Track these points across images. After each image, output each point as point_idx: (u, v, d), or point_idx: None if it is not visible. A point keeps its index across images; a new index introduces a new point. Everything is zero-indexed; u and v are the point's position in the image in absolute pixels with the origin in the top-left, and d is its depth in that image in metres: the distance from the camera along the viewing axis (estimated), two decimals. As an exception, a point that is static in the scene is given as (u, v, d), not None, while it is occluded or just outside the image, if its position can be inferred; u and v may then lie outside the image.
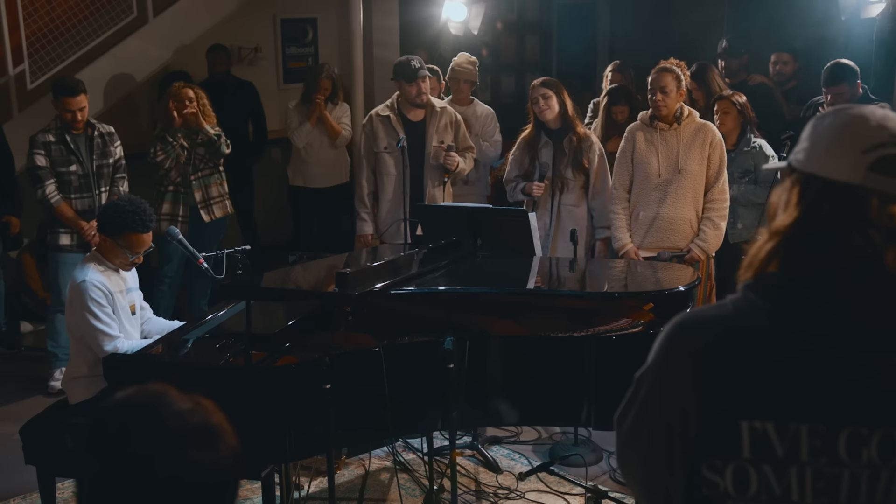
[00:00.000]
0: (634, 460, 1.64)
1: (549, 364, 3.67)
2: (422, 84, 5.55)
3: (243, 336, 3.62)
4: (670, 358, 1.56)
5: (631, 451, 1.64)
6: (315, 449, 3.58)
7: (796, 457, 1.45)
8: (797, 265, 1.48)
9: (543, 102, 5.34)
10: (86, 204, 5.80)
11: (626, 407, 1.64)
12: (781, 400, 1.45)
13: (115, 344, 3.89)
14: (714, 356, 1.50)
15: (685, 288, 3.80)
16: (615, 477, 4.67)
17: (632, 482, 1.69)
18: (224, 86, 7.62)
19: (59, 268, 5.82)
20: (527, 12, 11.25)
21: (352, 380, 3.48)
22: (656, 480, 1.58)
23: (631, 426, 1.62)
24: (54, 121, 5.76)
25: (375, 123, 5.68)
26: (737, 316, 1.51)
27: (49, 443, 3.86)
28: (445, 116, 5.68)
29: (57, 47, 6.90)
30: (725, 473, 1.48)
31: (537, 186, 5.33)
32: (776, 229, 1.51)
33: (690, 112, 5.15)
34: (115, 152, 5.93)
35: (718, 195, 5.09)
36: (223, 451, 1.43)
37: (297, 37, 9.00)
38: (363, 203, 5.74)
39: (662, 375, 1.57)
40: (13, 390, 5.95)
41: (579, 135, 5.35)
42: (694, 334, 1.55)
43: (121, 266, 4.06)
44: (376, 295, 3.58)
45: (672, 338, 1.58)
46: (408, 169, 5.45)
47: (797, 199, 1.50)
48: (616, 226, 5.29)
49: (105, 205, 4.11)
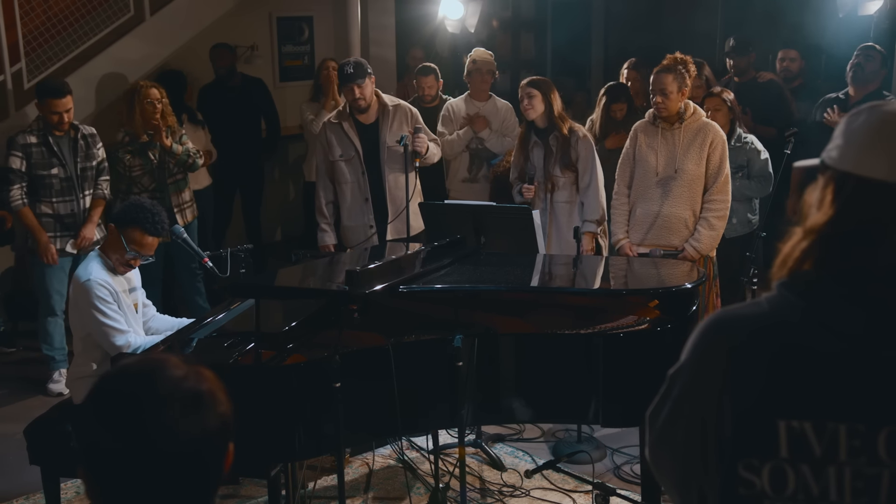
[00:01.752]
0: (667, 458, 1.62)
1: (557, 361, 3.68)
2: (355, 88, 5.37)
3: (251, 334, 3.62)
4: (705, 356, 1.55)
5: (664, 448, 1.63)
6: (324, 448, 3.58)
7: (835, 456, 1.44)
8: (833, 263, 1.47)
9: (528, 102, 5.34)
10: (68, 208, 5.72)
11: (658, 404, 1.63)
12: (819, 399, 1.44)
13: (126, 338, 3.88)
14: (750, 354, 1.49)
15: (692, 285, 3.81)
16: (619, 474, 4.68)
17: (664, 480, 1.67)
18: (230, 84, 7.62)
19: (43, 273, 5.77)
20: (521, 10, 11.25)
21: (361, 378, 3.47)
22: (690, 478, 1.57)
23: (664, 424, 1.61)
24: (36, 122, 5.66)
25: (328, 132, 5.58)
26: (773, 314, 1.50)
27: (53, 443, 3.85)
28: (399, 114, 5.55)
29: (54, 46, 6.86)
30: (762, 473, 1.47)
31: (526, 189, 5.39)
32: (811, 227, 1.50)
33: (695, 110, 5.11)
34: (97, 154, 5.86)
35: (717, 195, 5.04)
36: (210, 418, 1.46)
37: (293, 35, 9.00)
38: (322, 213, 5.64)
39: (697, 373, 1.56)
40: (12, 390, 5.93)
41: (564, 133, 5.33)
42: (730, 332, 1.53)
43: (116, 263, 4.03)
44: (384, 293, 3.57)
45: (707, 336, 1.57)
46: (365, 175, 5.45)
47: (832, 197, 1.49)
48: (614, 220, 5.31)
49: (128, 200, 4.12)
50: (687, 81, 5.04)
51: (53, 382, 5.84)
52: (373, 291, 3.45)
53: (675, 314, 3.77)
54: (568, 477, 4.61)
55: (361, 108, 5.48)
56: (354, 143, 5.47)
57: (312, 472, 4.53)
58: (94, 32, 6.98)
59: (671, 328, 3.68)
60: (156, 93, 6.04)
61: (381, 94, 5.59)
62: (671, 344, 3.72)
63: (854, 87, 5.93)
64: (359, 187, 5.50)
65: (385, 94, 5.66)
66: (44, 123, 5.63)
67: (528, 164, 5.42)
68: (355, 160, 5.48)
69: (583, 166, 5.33)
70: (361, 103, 5.46)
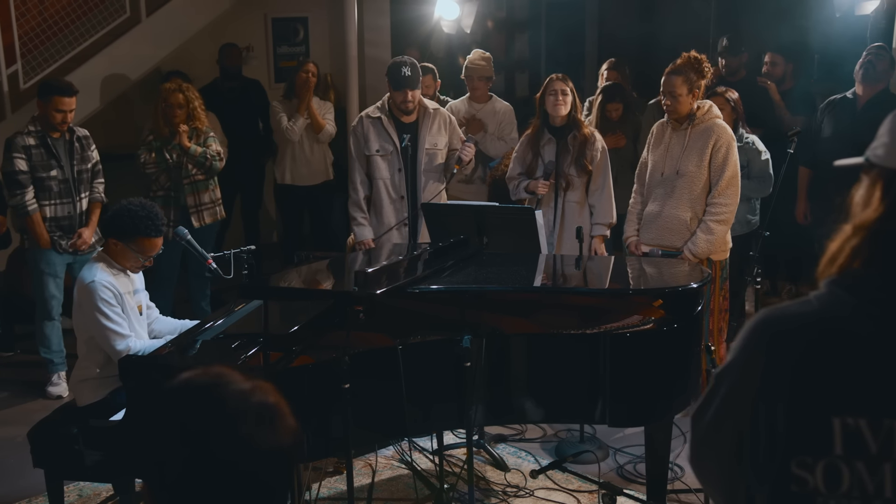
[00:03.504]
0: (713, 457, 1.62)
1: (565, 361, 3.67)
2: (409, 93, 5.32)
3: (257, 336, 3.61)
4: (756, 355, 1.54)
5: (710, 448, 1.62)
6: (332, 449, 3.57)
7: (890, 453, 1.43)
8: (884, 260, 1.47)
9: (561, 98, 5.29)
10: (65, 210, 5.72)
11: (703, 405, 1.62)
12: (874, 395, 1.44)
13: (126, 343, 3.87)
14: (803, 353, 1.49)
15: (698, 284, 3.82)
16: (623, 473, 4.69)
17: (708, 479, 1.67)
18: (230, 85, 7.62)
19: (41, 277, 5.75)
20: (515, 10, 11.26)
21: (368, 379, 3.46)
22: (737, 479, 1.56)
23: (711, 423, 1.60)
24: (33, 123, 5.63)
25: (366, 126, 5.47)
26: (822, 311, 1.50)
27: (58, 445, 3.83)
28: (439, 118, 5.51)
29: (50, 47, 6.85)
30: (816, 470, 1.46)
31: (542, 184, 5.31)
32: (860, 225, 1.50)
33: (709, 110, 5.09)
34: (92, 156, 5.85)
35: (719, 198, 5.02)
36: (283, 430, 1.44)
37: (288, 36, 9.00)
38: (359, 207, 5.49)
39: (747, 372, 1.55)
40: (11, 394, 5.91)
41: (584, 134, 5.32)
42: (781, 330, 1.53)
43: (131, 269, 4.04)
44: (391, 293, 3.57)
45: (756, 334, 1.56)
46: (402, 172, 5.36)
47: (881, 194, 1.49)
48: (627, 219, 5.32)
49: (116, 209, 4.06)
50: (700, 82, 5.00)
51: (53, 385, 5.82)
52: (383, 292, 3.44)
53: (681, 314, 3.77)
54: (572, 477, 4.61)
55: (409, 110, 5.42)
56: (393, 138, 5.39)
57: (317, 473, 4.53)
58: (91, 34, 6.98)
59: (677, 328, 3.69)
60: (180, 98, 6.07)
61: (422, 98, 5.54)
62: (677, 344, 3.73)
63: (863, 85, 5.93)
64: (394, 184, 5.42)
65: (425, 98, 5.62)
66: (42, 124, 5.59)
67: (541, 161, 5.38)
68: (393, 156, 5.40)
69: (597, 169, 5.33)
70: (410, 106, 5.39)
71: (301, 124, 7.09)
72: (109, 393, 3.96)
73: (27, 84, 6.71)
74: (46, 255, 5.72)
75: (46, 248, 5.67)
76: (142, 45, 7.19)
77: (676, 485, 4.51)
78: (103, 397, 3.97)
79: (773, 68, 7.24)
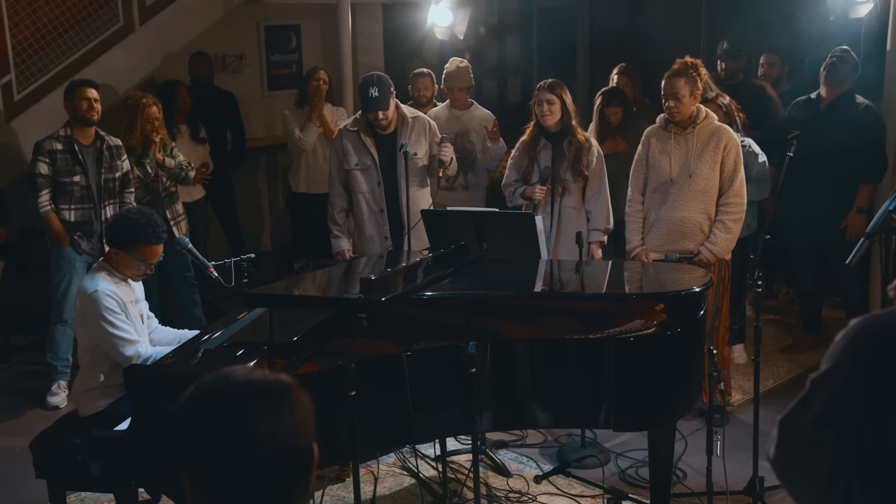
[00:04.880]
0: (807, 462, 1.61)
1: (569, 366, 3.69)
2: (380, 113, 5.23)
3: (262, 344, 3.61)
4: (861, 362, 1.54)
5: (803, 453, 1.61)
6: (338, 457, 3.57)
7: None
8: None
9: (547, 108, 5.26)
10: (83, 215, 5.78)
11: (796, 410, 1.62)
12: None
13: (136, 348, 3.85)
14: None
15: (700, 289, 3.83)
16: (625, 478, 4.69)
17: (797, 484, 1.65)
18: (202, 96, 7.56)
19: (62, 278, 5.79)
20: (507, 16, 11.27)
21: (374, 386, 3.47)
22: (837, 482, 1.56)
23: (808, 428, 1.59)
24: (63, 129, 5.76)
25: (344, 139, 5.43)
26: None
27: (60, 456, 3.81)
28: (417, 126, 5.43)
29: (43, 57, 6.82)
30: None
31: (539, 190, 5.30)
32: None
33: (708, 114, 5.12)
34: (122, 166, 5.93)
35: (733, 199, 5.04)
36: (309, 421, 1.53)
37: (281, 44, 8.99)
38: (335, 220, 5.49)
39: (853, 379, 1.55)
40: (10, 405, 5.88)
41: (580, 140, 5.31)
42: (887, 337, 1.53)
43: (133, 277, 4.04)
44: (396, 300, 3.57)
45: (858, 341, 1.56)
46: (381, 186, 5.33)
47: None
48: (628, 227, 5.28)
49: (115, 218, 4.05)
50: (699, 85, 5.03)
51: (52, 395, 5.80)
52: (388, 299, 3.44)
53: (683, 318, 3.78)
54: (574, 482, 4.63)
55: (383, 127, 5.36)
56: (371, 152, 5.36)
57: (319, 481, 4.52)
58: (84, 43, 6.94)
59: (680, 332, 3.70)
60: (156, 111, 6.13)
61: (400, 106, 5.45)
62: (681, 348, 3.74)
63: (827, 87, 5.98)
64: (373, 198, 5.39)
65: (404, 105, 5.55)
66: (73, 126, 5.74)
67: (540, 166, 5.37)
68: (371, 170, 5.37)
69: (593, 175, 5.32)
70: (384, 124, 5.33)
71: (313, 133, 7.08)
72: (112, 402, 3.95)
73: (21, 94, 6.68)
74: (68, 254, 5.79)
75: (66, 245, 5.76)
76: (135, 55, 7.16)
77: (678, 488, 4.52)
78: (106, 407, 3.95)
79: (770, 69, 7.27)
